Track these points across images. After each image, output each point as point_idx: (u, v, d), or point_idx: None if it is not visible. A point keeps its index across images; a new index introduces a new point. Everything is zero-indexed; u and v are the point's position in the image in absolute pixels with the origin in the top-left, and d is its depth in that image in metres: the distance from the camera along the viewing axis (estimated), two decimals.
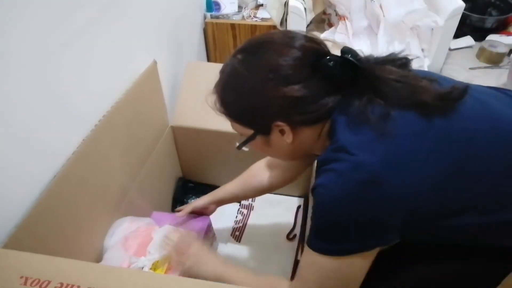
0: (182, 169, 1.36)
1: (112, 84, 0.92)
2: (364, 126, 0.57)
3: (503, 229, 0.62)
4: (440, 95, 0.59)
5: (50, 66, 0.71)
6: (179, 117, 1.19)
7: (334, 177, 0.57)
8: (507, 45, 1.34)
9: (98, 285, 0.51)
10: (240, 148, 0.70)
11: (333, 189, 0.57)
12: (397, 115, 0.57)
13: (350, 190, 0.55)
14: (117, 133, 0.91)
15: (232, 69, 0.63)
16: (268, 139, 0.66)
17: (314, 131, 0.64)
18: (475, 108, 0.61)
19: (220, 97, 0.66)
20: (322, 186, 0.58)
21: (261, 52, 0.61)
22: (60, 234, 0.75)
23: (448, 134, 0.58)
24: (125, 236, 0.87)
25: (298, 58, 0.59)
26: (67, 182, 0.75)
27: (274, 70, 0.59)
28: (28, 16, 0.64)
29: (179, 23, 1.37)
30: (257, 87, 0.60)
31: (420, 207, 0.57)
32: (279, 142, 0.65)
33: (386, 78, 0.59)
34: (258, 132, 0.66)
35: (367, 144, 0.57)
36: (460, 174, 0.58)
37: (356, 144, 0.57)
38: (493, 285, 0.68)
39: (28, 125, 0.68)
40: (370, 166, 0.55)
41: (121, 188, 0.96)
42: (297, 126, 0.63)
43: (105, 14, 0.86)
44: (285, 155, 0.72)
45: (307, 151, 0.70)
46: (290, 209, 1.29)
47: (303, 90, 0.59)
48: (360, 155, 0.56)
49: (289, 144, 0.64)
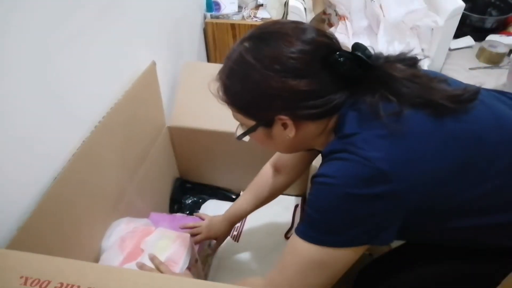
0: (179, 170, 1.36)
1: (112, 85, 0.91)
2: (374, 122, 0.56)
3: (504, 230, 0.62)
4: (451, 96, 0.59)
5: (49, 67, 0.71)
6: (176, 118, 1.19)
7: (338, 168, 0.56)
8: (507, 45, 1.34)
9: (98, 285, 0.51)
10: (240, 139, 0.69)
11: (335, 180, 0.56)
12: (408, 114, 0.56)
13: (353, 183, 0.55)
14: (115, 134, 0.91)
15: (239, 57, 0.61)
16: (270, 132, 0.65)
17: (318, 126, 0.63)
18: (483, 111, 0.61)
19: (224, 85, 0.64)
20: (325, 175, 0.57)
21: (270, 41, 0.59)
22: (59, 235, 0.75)
23: (456, 135, 0.58)
24: (121, 237, 0.87)
25: (307, 52, 0.58)
26: (67, 183, 0.75)
27: (281, 62, 0.57)
28: (27, 16, 0.64)
29: (179, 23, 1.37)
30: (262, 78, 0.58)
31: (424, 206, 0.57)
32: (281, 136, 0.64)
33: (398, 76, 0.59)
34: (260, 124, 0.64)
35: (376, 140, 0.56)
36: (466, 175, 0.57)
37: (365, 139, 0.56)
38: (493, 285, 0.68)
39: (28, 126, 0.68)
40: (377, 162, 0.54)
41: (119, 189, 0.96)
42: (301, 121, 0.61)
43: (105, 14, 0.86)
44: (284, 148, 0.71)
45: (308, 146, 0.69)
46: (288, 208, 1.29)
47: (310, 85, 0.58)
48: (368, 150, 0.55)
49: (291, 138, 0.63)
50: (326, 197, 0.57)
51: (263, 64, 0.58)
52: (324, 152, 0.62)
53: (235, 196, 1.35)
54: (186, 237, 0.87)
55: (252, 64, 0.59)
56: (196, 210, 1.29)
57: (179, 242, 0.86)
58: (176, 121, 1.19)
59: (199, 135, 1.18)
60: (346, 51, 0.59)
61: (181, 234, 0.88)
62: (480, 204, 0.59)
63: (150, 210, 1.09)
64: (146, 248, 0.84)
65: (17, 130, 0.66)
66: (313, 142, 0.67)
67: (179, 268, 0.82)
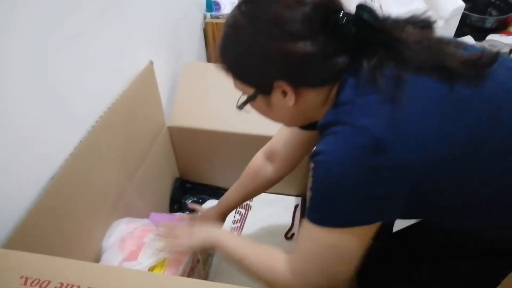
0: (179, 170, 1.36)
1: (111, 85, 0.91)
2: (371, 88, 0.52)
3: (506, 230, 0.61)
4: (466, 61, 0.54)
5: (48, 66, 0.71)
6: (176, 118, 1.20)
7: (335, 142, 0.53)
8: (507, 45, 1.34)
9: (98, 285, 0.51)
10: (241, 108, 0.65)
11: (333, 155, 0.53)
12: (412, 79, 0.52)
13: (352, 155, 0.51)
14: (114, 134, 0.91)
15: (234, 20, 0.58)
16: (269, 100, 0.61)
17: (319, 95, 0.59)
18: (503, 77, 0.56)
19: (221, 51, 0.61)
20: (322, 152, 0.54)
21: (267, 3, 0.56)
22: (59, 235, 0.75)
23: (470, 103, 0.53)
24: (122, 237, 0.87)
25: (306, 13, 0.53)
26: (65, 183, 0.75)
27: (278, 23, 0.54)
28: (27, 17, 0.64)
29: (179, 23, 1.37)
30: (258, 41, 0.55)
31: (429, 182, 0.53)
32: (281, 104, 0.60)
33: (405, 40, 0.54)
34: (259, 91, 0.60)
35: (372, 107, 0.52)
36: (477, 150, 0.53)
37: (360, 106, 0.53)
38: (493, 285, 0.68)
39: (27, 126, 0.68)
40: (374, 129, 0.50)
41: (118, 189, 0.96)
42: (300, 88, 0.57)
43: (104, 14, 0.85)
44: (286, 119, 0.67)
45: (310, 118, 0.64)
46: (288, 208, 1.29)
47: (309, 48, 0.53)
48: (362, 117, 0.51)
49: (291, 107, 0.59)
50: (325, 177, 0.54)
51: (258, 27, 0.55)
52: (319, 126, 0.58)
53: None
54: None
55: (247, 27, 0.56)
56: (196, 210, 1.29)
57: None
58: (176, 121, 1.19)
59: (199, 135, 1.18)
60: (349, 12, 0.55)
61: None
62: (492, 188, 0.56)
63: (150, 210, 1.09)
64: (148, 242, 0.84)
65: (16, 129, 0.66)
66: (315, 113, 0.62)
67: (180, 267, 0.82)
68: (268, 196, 1.33)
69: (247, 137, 1.13)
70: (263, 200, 1.31)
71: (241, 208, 1.30)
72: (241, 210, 1.30)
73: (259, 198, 1.31)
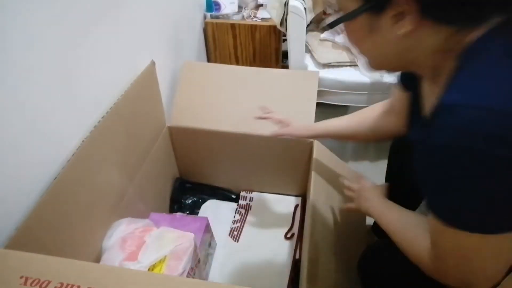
0: (179, 170, 1.36)
1: (112, 85, 0.92)
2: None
3: None
4: None
5: (48, 67, 0.71)
6: (176, 117, 1.20)
7: (461, 122, 0.42)
8: None
9: (98, 285, 0.51)
10: (332, 26, 0.53)
11: (461, 139, 0.42)
12: None
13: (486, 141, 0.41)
14: (115, 135, 0.91)
15: None
16: (374, 23, 0.49)
17: (439, 38, 0.47)
18: None
19: None
20: (446, 132, 0.43)
21: None
22: (60, 235, 0.75)
23: None
24: (122, 237, 0.87)
25: None
26: (67, 183, 0.75)
27: None
28: (26, 17, 0.64)
29: (179, 23, 1.37)
30: None
31: None
32: (387, 32, 0.49)
33: None
34: (367, 6, 0.48)
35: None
36: None
37: (500, 84, 0.42)
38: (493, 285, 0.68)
39: (27, 127, 0.68)
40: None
41: (119, 189, 0.96)
42: (424, 19, 0.45)
43: (105, 14, 0.86)
44: (379, 55, 0.54)
45: (410, 64, 0.54)
46: (288, 208, 1.29)
47: None
48: (501, 99, 0.41)
49: (397, 38, 0.48)
50: (457, 164, 0.44)
51: None
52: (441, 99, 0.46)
53: (235, 196, 1.35)
54: (190, 236, 0.87)
55: None
56: (196, 210, 1.30)
57: (184, 240, 0.86)
58: (176, 121, 1.20)
59: (199, 135, 1.19)
60: None
61: (185, 234, 0.88)
62: None
63: (150, 210, 1.09)
64: (150, 241, 0.84)
65: (16, 129, 0.66)
66: (420, 60, 0.52)
67: (181, 267, 0.82)
68: (268, 196, 1.33)
69: (247, 137, 1.13)
70: (263, 200, 1.32)
71: (241, 208, 1.30)
72: (241, 210, 1.30)
73: (259, 198, 1.32)
